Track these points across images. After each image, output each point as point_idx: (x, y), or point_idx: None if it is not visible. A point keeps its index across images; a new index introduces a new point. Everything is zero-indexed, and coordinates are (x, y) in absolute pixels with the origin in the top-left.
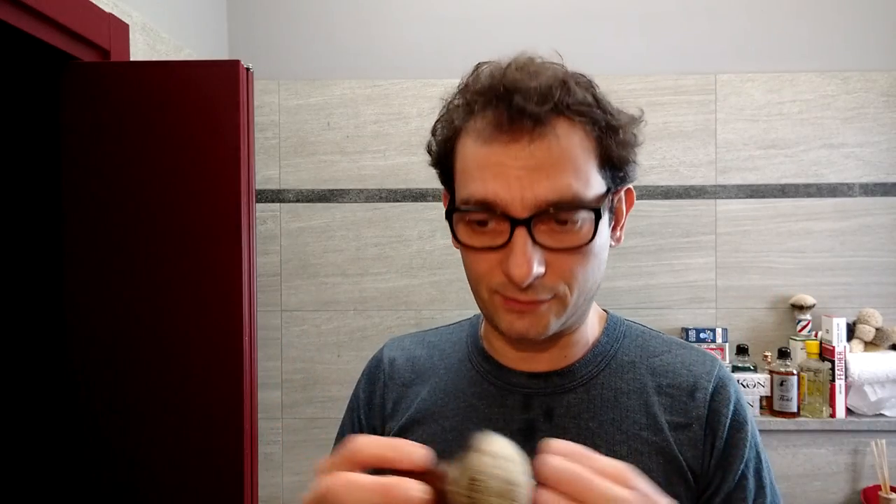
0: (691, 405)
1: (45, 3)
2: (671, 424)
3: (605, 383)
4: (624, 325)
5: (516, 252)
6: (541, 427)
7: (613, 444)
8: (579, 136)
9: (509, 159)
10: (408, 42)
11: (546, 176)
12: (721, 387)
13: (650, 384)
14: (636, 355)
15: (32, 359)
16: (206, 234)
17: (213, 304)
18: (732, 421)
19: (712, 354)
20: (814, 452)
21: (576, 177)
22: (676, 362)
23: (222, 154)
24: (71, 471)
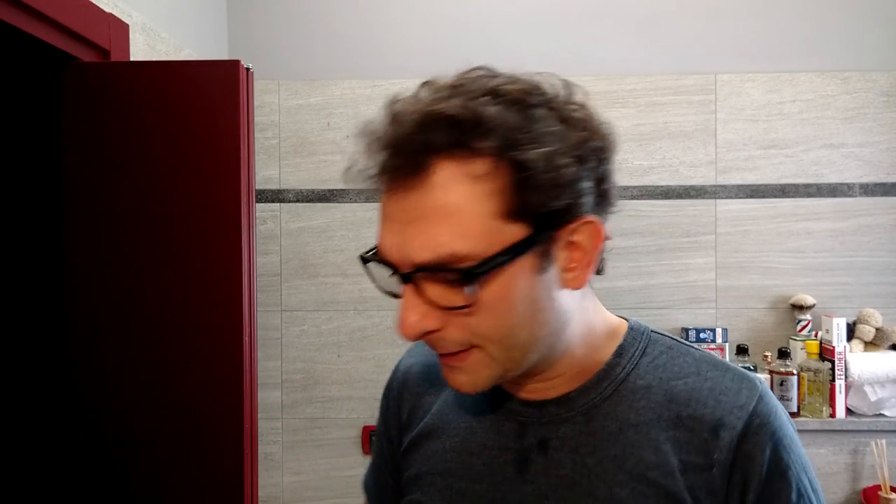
0: (713, 444)
1: (45, 3)
2: (686, 465)
3: (611, 413)
4: (645, 341)
5: (401, 307)
6: (535, 459)
7: (613, 484)
8: (469, 180)
9: (393, 210)
10: (408, 42)
11: (419, 232)
12: (758, 425)
13: (666, 414)
14: (654, 378)
15: (32, 358)
16: (206, 234)
17: (213, 304)
18: (770, 468)
19: (754, 380)
20: (814, 452)
21: (455, 232)
22: (704, 388)
23: (222, 154)
24: (71, 470)
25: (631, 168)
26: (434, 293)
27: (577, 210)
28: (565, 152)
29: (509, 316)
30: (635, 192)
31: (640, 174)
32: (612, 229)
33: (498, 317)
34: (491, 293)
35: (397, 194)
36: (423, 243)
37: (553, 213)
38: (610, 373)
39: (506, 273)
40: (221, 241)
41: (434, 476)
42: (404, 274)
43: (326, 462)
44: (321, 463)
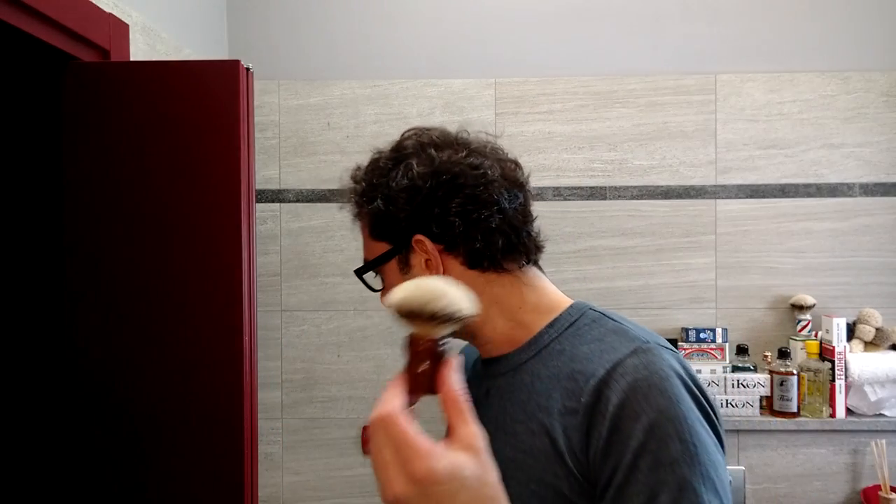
0: (583, 390)
1: (45, 3)
2: (565, 409)
3: (530, 369)
4: (578, 315)
5: None
6: (482, 403)
7: (515, 422)
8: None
9: None
10: (408, 42)
11: None
12: (619, 374)
13: (565, 370)
14: (569, 344)
15: (33, 359)
16: (206, 234)
17: (213, 304)
18: (620, 410)
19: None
20: (814, 452)
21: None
22: (598, 350)
23: (222, 154)
24: (71, 471)
25: (631, 168)
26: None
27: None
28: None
29: None
30: (635, 192)
31: (640, 174)
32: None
33: None
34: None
35: None
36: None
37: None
38: (538, 339)
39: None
40: (221, 241)
41: None
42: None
43: (326, 462)
44: (321, 463)
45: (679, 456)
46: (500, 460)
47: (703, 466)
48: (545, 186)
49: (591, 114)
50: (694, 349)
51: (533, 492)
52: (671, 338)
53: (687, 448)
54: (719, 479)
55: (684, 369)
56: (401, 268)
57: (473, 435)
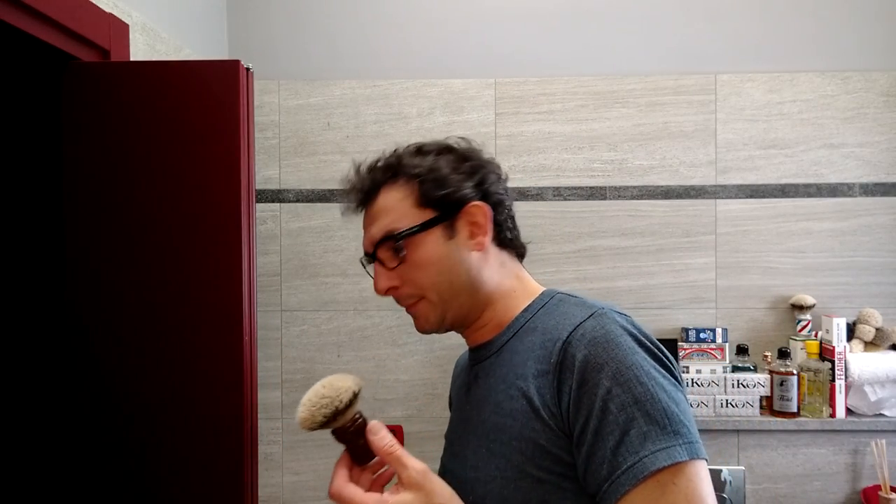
0: (552, 353)
1: (45, 3)
2: (538, 372)
3: (510, 347)
4: (548, 299)
5: (374, 275)
6: (472, 385)
7: (497, 392)
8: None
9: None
10: (408, 42)
11: (374, 225)
12: (580, 334)
13: (538, 342)
14: (541, 322)
15: (34, 359)
16: (206, 233)
17: (213, 303)
18: (584, 364)
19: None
20: (814, 452)
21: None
22: (563, 320)
23: (222, 154)
24: (71, 470)
25: (631, 168)
26: (387, 261)
27: (463, 199)
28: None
29: (434, 269)
30: (635, 192)
31: (640, 174)
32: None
33: (426, 269)
34: (417, 254)
35: (364, 212)
36: (376, 229)
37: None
38: (516, 322)
39: (423, 240)
40: (221, 241)
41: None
42: (370, 254)
43: (326, 462)
44: (321, 463)
45: (641, 396)
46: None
47: (663, 402)
48: (545, 186)
49: (591, 114)
50: (694, 349)
51: (515, 447)
52: (671, 338)
53: (647, 389)
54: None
55: (633, 326)
56: (447, 235)
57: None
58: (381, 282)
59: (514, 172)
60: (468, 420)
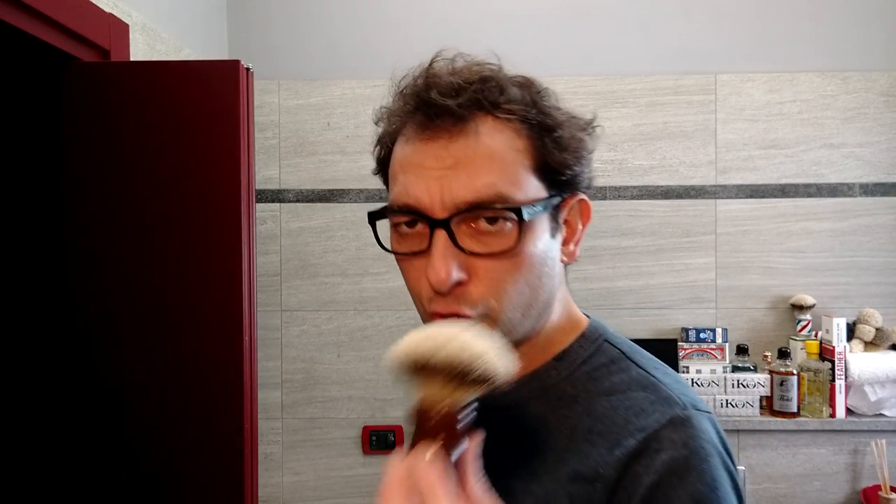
0: (606, 459)
1: (45, 3)
2: (576, 475)
3: (535, 412)
4: (593, 348)
5: (434, 255)
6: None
7: (511, 475)
8: (507, 134)
9: (429, 159)
10: (408, 42)
11: (466, 174)
12: (654, 450)
13: (580, 426)
14: (583, 390)
15: (34, 359)
16: (206, 233)
17: (213, 303)
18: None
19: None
20: (814, 452)
21: (501, 176)
22: (622, 408)
23: (222, 154)
24: (71, 470)
25: (631, 168)
26: (470, 240)
27: (580, 183)
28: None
29: (535, 275)
30: (635, 192)
31: (640, 174)
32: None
33: (528, 273)
34: (523, 245)
35: (438, 141)
36: (470, 184)
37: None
38: (543, 375)
39: (535, 227)
40: (221, 241)
41: None
42: (440, 220)
43: (326, 462)
44: (321, 463)
45: None
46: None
47: None
48: None
49: None
50: (694, 349)
51: None
52: (671, 338)
53: None
54: None
55: (721, 441)
56: (552, 228)
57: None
58: (450, 267)
59: None
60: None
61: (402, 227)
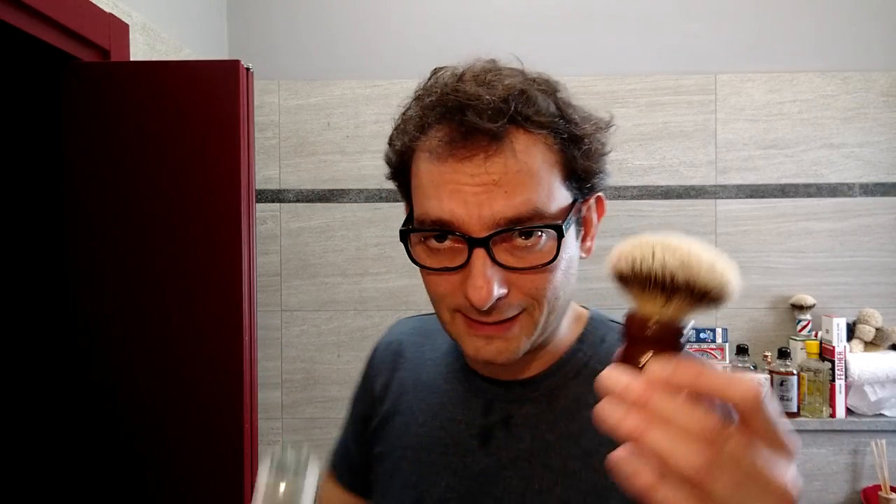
0: None
1: (45, 3)
2: None
3: (571, 394)
4: (603, 328)
5: (475, 274)
6: (497, 434)
7: (568, 458)
8: (539, 148)
9: (465, 177)
10: (408, 42)
11: (504, 192)
12: None
13: None
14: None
15: (35, 358)
16: (206, 233)
17: (213, 304)
18: None
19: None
20: (814, 452)
21: (536, 191)
22: None
23: (222, 154)
24: (72, 470)
25: (631, 168)
26: (508, 256)
27: (601, 185)
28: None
29: (566, 277)
30: (635, 192)
31: (640, 174)
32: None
33: (561, 277)
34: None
35: (474, 160)
36: (509, 202)
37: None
38: (573, 358)
39: (570, 233)
40: (221, 241)
41: (406, 450)
42: (479, 238)
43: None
44: (321, 463)
45: None
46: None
47: None
48: None
49: None
50: (694, 349)
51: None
52: None
53: None
54: None
55: None
56: (577, 231)
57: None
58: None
59: None
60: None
61: (431, 241)
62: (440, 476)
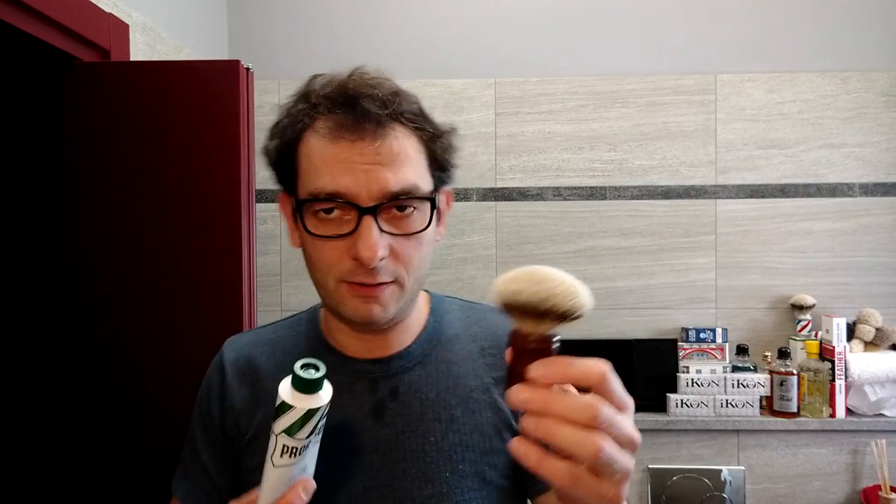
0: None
1: (45, 3)
2: (495, 380)
3: (439, 357)
4: (445, 302)
5: (365, 236)
6: (388, 405)
7: (451, 407)
8: (412, 139)
9: (355, 155)
10: (408, 42)
11: (390, 169)
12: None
13: (474, 349)
14: (459, 327)
15: (36, 358)
16: (206, 233)
17: (213, 303)
18: None
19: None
20: (814, 452)
21: (413, 172)
22: (493, 325)
23: (222, 154)
24: (72, 469)
25: (631, 168)
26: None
27: (451, 178)
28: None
29: (428, 250)
30: (635, 192)
31: (640, 174)
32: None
33: (425, 249)
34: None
35: (364, 141)
36: (395, 177)
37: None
38: (432, 327)
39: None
40: (221, 241)
41: None
42: (367, 207)
43: None
44: None
45: None
46: (444, 447)
47: None
48: (545, 186)
49: (591, 114)
50: (694, 349)
51: (488, 463)
52: (671, 337)
53: None
54: None
55: None
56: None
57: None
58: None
59: (514, 172)
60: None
61: (320, 213)
62: (340, 461)
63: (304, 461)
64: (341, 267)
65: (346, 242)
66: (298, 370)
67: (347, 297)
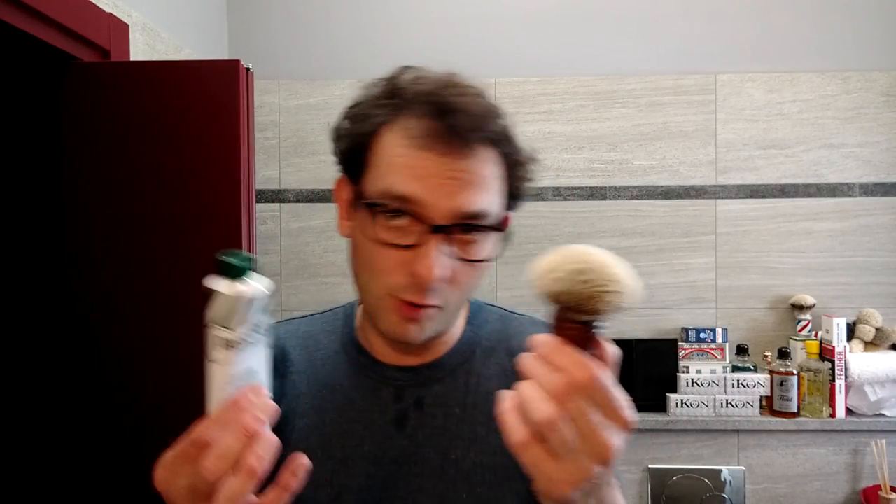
0: None
1: (45, 4)
2: None
3: (471, 370)
4: (484, 312)
5: (429, 254)
6: (411, 415)
7: (476, 424)
8: (495, 162)
9: (437, 167)
10: (408, 42)
11: (469, 191)
12: None
13: (509, 367)
14: (496, 340)
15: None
16: (206, 233)
17: None
18: None
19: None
20: (814, 452)
21: (491, 196)
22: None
23: (222, 154)
24: (73, 469)
25: (631, 168)
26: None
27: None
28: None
29: (482, 275)
30: (635, 192)
31: (640, 174)
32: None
33: (480, 274)
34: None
35: (450, 156)
36: (473, 200)
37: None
38: (467, 339)
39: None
40: (221, 241)
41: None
42: (438, 225)
43: None
44: None
45: None
46: (465, 467)
47: None
48: (545, 186)
49: (591, 114)
50: (694, 349)
51: (509, 489)
52: (671, 338)
53: None
54: None
55: None
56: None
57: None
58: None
59: None
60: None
61: (386, 216)
62: (357, 467)
63: (248, 361)
64: (394, 279)
65: (407, 255)
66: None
67: (389, 312)
